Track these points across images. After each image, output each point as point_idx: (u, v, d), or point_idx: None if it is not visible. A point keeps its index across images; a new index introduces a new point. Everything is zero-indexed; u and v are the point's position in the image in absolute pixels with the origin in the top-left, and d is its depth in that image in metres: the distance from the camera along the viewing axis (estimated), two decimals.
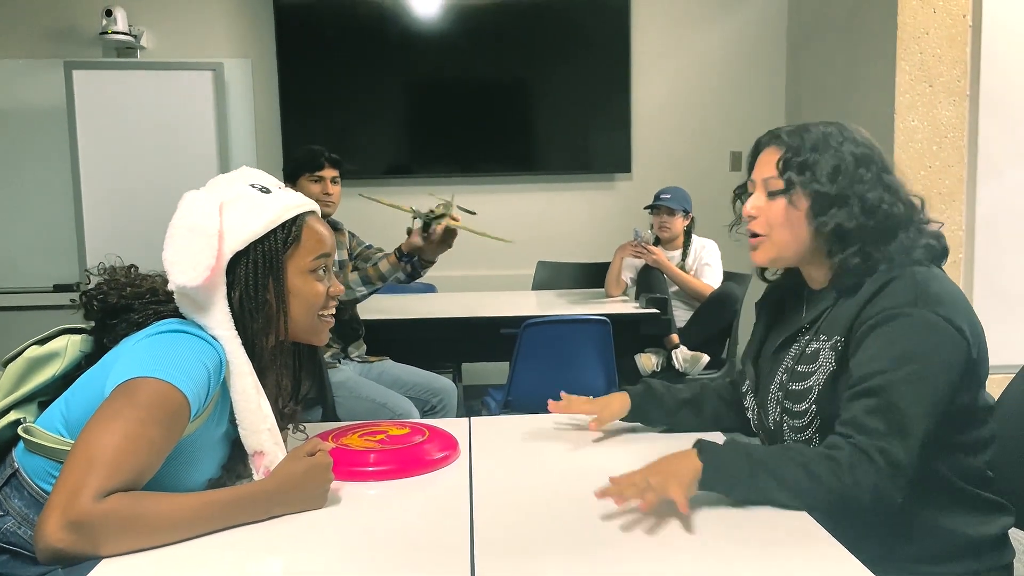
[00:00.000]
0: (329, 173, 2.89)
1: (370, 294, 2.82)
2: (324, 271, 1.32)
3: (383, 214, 2.98)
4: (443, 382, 2.97)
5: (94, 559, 1.03)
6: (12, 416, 1.26)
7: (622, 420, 1.62)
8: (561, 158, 4.92)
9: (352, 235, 3.09)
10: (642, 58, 4.84)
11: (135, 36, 4.57)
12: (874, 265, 1.30)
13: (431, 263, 2.80)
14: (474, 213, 2.83)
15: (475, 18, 4.71)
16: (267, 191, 1.28)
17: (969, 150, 3.50)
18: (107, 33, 4.46)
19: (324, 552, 1.10)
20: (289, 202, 1.28)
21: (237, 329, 1.22)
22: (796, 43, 4.74)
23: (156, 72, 4.50)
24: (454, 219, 2.64)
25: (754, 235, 1.39)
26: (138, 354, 1.15)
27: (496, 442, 1.58)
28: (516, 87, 4.88)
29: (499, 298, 3.89)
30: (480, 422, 1.71)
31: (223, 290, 1.21)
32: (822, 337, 1.34)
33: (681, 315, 3.58)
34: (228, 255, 1.21)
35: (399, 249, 2.75)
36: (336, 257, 2.89)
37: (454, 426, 1.62)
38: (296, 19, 4.67)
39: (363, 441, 1.46)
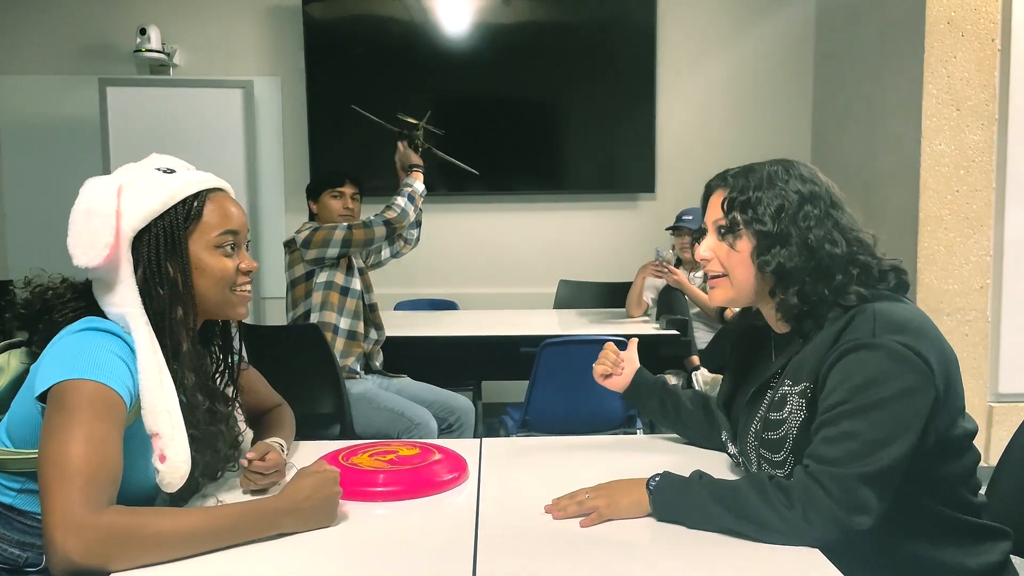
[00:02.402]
0: (349, 190, 3.03)
1: (412, 203, 2.99)
2: (233, 248, 1.33)
3: None
4: (461, 401, 2.98)
5: (105, 573, 1.04)
6: None
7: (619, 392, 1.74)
8: (585, 177, 4.93)
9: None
10: (667, 79, 4.84)
11: (168, 54, 4.66)
12: (813, 306, 1.29)
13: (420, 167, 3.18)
14: (442, 133, 3.31)
15: (502, 37, 4.75)
16: (171, 171, 1.30)
17: (997, 174, 3.45)
18: (141, 51, 4.56)
19: (328, 570, 1.10)
20: (190, 179, 1.30)
21: (145, 306, 1.24)
22: (823, 65, 4.72)
23: (188, 89, 4.59)
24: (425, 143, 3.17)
25: (714, 276, 1.40)
26: (56, 359, 1.17)
27: (506, 464, 1.58)
28: (542, 106, 4.91)
29: (520, 316, 3.89)
30: (491, 443, 1.71)
31: (128, 268, 1.24)
32: (787, 383, 1.32)
33: (702, 337, 3.57)
34: (129, 233, 1.23)
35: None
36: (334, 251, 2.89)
37: (465, 447, 1.62)
38: (325, 37, 4.74)
39: (373, 461, 1.46)
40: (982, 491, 1.37)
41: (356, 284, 2.96)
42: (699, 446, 1.66)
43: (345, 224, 2.89)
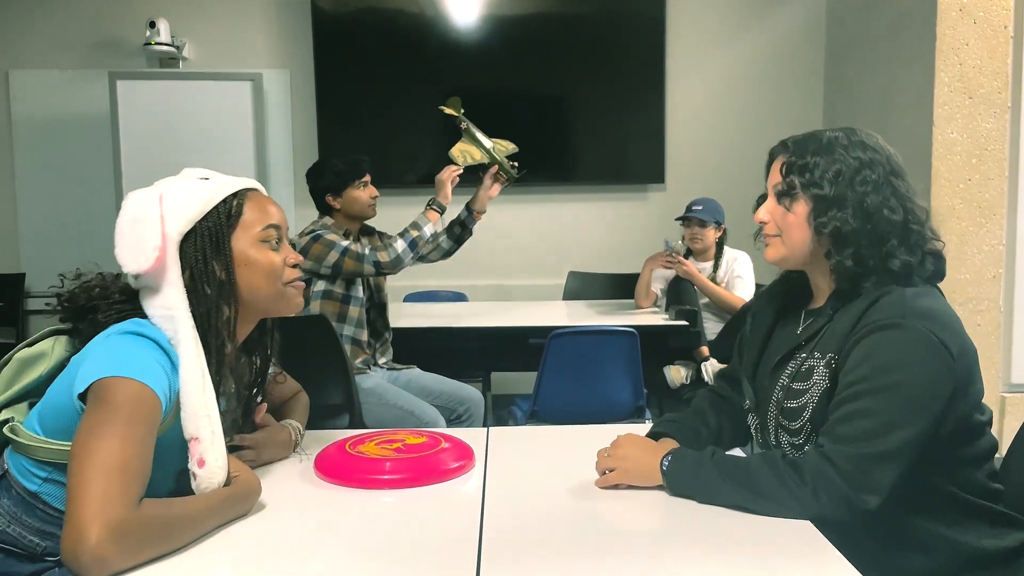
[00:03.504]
0: (368, 177, 2.97)
1: (413, 251, 2.86)
2: (277, 242, 1.36)
3: (416, 214, 2.98)
4: (470, 391, 2.98)
5: (132, 568, 1.03)
6: (3, 415, 1.30)
7: None
8: (595, 168, 4.92)
9: (382, 236, 3.08)
10: (677, 69, 4.82)
11: (177, 47, 4.68)
12: (868, 269, 1.30)
13: (483, 212, 3.19)
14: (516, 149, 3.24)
15: (512, 29, 4.75)
16: (206, 179, 1.34)
17: (1010, 163, 3.42)
18: (150, 44, 4.58)
19: (335, 557, 1.11)
20: (227, 181, 1.34)
21: (192, 308, 1.26)
22: (834, 54, 4.69)
23: (197, 82, 4.60)
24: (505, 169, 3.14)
25: (769, 235, 1.42)
26: (101, 356, 1.18)
27: (513, 453, 1.59)
28: (551, 98, 4.90)
29: (529, 308, 3.89)
30: (498, 432, 1.71)
31: (176, 271, 1.26)
32: (816, 355, 1.34)
33: (712, 327, 3.55)
34: (175, 237, 1.26)
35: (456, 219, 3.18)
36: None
37: (472, 436, 1.62)
38: (334, 30, 4.74)
39: (380, 449, 1.47)
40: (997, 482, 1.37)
41: (359, 291, 2.88)
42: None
43: (342, 247, 2.78)
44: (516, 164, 3.16)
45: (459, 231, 3.20)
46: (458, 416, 2.92)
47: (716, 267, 3.64)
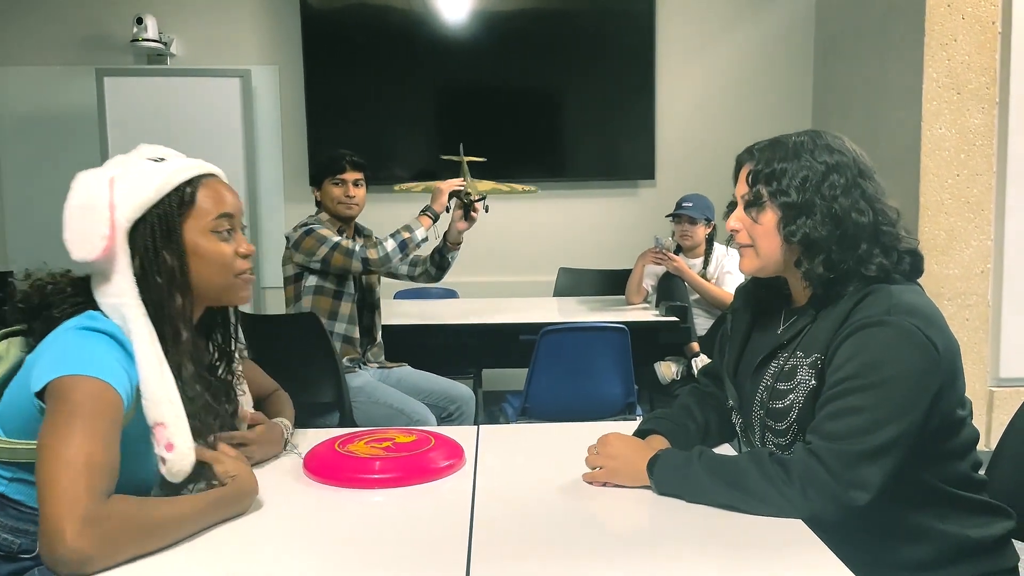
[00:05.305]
0: (351, 176, 2.90)
1: (403, 252, 2.86)
2: (229, 232, 1.33)
3: (404, 211, 2.95)
4: (461, 390, 2.97)
5: (114, 566, 1.03)
6: None
7: None
8: (585, 165, 4.92)
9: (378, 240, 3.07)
10: (667, 66, 4.83)
11: (165, 43, 4.65)
12: (841, 275, 1.30)
13: (458, 245, 3.13)
14: (485, 160, 3.22)
15: (502, 25, 4.73)
16: (162, 160, 1.30)
17: (998, 158, 3.43)
18: (138, 40, 4.55)
19: (326, 557, 1.10)
20: (182, 165, 1.30)
21: (143, 297, 1.23)
22: (823, 50, 4.69)
23: (185, 79, 4.58)
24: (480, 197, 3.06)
25: (742, 246, 1.41)
26: (57, 354, 1.16)
27: (503, 451, 1.58)
28: (542, 94, 4.89)
29: (520, 304, 3.89)
30: (489, 431, 1.71)
31: (125, 259, 1.23)
32: (799, 354, 1.34)
33: (702, 323, 3.56)
34: (124, 224, 1.23)
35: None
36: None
37: (463, 434, 1.62)
38: (323, 26, 4.72)
39: (369, 448, 1.46)
40: (981, 471, 1.38)
41: (351, 287, 2.88)
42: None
43: (333, 242, 2.78)
44: (482, 198, 3.12)
45: (439, 259, 3.14)
46: (449, 415, 2.91)
47: (706, 263, 3.65)
